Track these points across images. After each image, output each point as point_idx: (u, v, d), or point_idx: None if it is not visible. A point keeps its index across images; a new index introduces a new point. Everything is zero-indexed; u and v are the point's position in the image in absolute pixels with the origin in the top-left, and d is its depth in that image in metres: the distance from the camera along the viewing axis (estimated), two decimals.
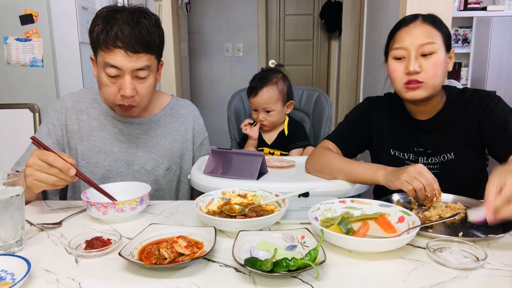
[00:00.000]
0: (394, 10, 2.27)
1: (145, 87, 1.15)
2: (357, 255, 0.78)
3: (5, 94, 2.07)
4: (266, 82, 1.67)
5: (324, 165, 1.18)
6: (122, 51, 1.07)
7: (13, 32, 2.02)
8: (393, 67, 1.15)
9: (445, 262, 0.73)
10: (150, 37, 1.10)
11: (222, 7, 4.24)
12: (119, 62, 1.08)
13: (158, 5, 2.81)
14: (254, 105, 1.71)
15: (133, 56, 1.08)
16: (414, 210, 1.01)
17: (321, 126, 1.87)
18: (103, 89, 1.15)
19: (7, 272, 0.70)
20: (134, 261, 0.73)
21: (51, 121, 1.26)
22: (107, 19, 1.08)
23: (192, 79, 4.28)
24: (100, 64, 1.12)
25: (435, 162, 1.20)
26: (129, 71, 1.09)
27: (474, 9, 2.89)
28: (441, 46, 1.11)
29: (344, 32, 3.58)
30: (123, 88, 1.10)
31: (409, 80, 1.11)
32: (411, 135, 1.23)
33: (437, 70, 1.10)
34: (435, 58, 1.10)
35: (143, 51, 1.09)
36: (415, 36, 1.11)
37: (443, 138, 1.19)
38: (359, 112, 1.32)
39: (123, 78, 1.10)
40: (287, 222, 0.95)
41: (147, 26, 1.10)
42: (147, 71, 1.13)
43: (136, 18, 1.09)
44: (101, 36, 1.07)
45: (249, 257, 0.71)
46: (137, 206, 0.97)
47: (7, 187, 0.80)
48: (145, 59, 1.11)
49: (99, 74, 1.13)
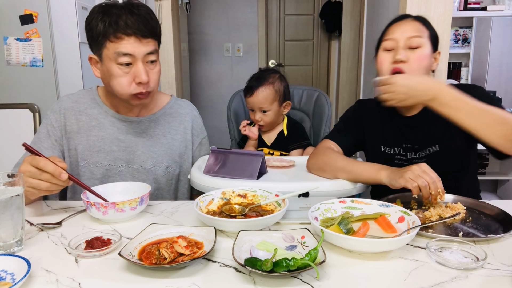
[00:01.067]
0: (394, 10, 2.27)
1: (155, 72, 1.18)
2: (357, 255, 0.78)
3: (5, 94, 2.08)
4: (262, 81, 1.66)
5: (325, 164, 1.19)
6: (133, 37, 1.10)
7: (13, 32, 2.03)
8: (381, 58, 1.21)
9: (445, 262, 0.73)
10: (154, 23, 1.15)
11: (222, 7, 4.24)
12: (132, 49, 1.10)
13: (158, 5, 2.81)
14: (250, 105, 1.71)
15: (143, 41, 1.12)
16: (414, 210, 1.01)
17: (321, 126, 1.87)
18: (115, 82, 1.14)
19: (7, 272, 0.70)
20: (134, 261, 0.73)
21: (50, 123, 1.26)
22: (108, 13, 1.10)
23: (192, 79, 4.28)
24: (109, 56, 1.12)
25: (421, 156, 1.23)
26: (142, 56, 1.12)
27: (474, 9, 2.89)
28: (427, 43, 1.17)
29: (344, 32, 3.58)
30: (139, 75, 1.12)
31: (394, 69, 1.16)
32: (399, 132, 1.27)
33: (421, 63, 1.15)
34: (420, 52, 1.15)
35: (150, 36, 1.13)
36: (404, 29, 1.18)
37: (427, 132, 1.23)
38: (352, 112, 1.39)
39: (136, 66, 1.12)
40: (287, 222, 0.95)
41: (148, 13, 1.15)
42: (156, 55, 1.17)
43: (136, 7, 1.13)
44: (110, 28, 1.09)
45: (249, 257, 0.71)
46: (137, 206, 0.97)
47: (7, 187, 0.80)
48: (153, 44, 1.15)
49: (109, 67, 1.13)
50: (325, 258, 0.70)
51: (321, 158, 1.22)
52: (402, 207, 0.92)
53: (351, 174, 1.12)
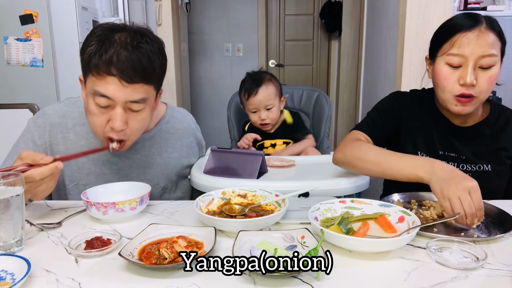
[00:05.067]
0: (394, 10, 2.27)
1: (138, 120, 1.02)
2: (357, 255, 0.78)
3: (5, 94, 2.07)
4: (261, 81, 1.72)
5: (357, 158, 1.06)
6: (115, 79, 0.94)
7: (13, 32, 2.02)
8: (444, 74, 1.05)
9: (445, 262, 0.73)
10: (150, 65, 0.97)
11: (222, 7, 4.24)
12: (111, 92, 0.95)
13: (158, 5, 2.81)
14: (254, 105, 1.72)
15: (128, 87, 0.95)
16: (414, 210, 1.01)
17: (321, 126, 1.87)
18: (90, 119, 1.03)
19: (7, 272, 0.70)
20: (134, 261, 0.73)
21: (32, 139, 1.13)
22: (102, 40, 0.95)
23: (192, 79, 4.28)
24: (89, 90, 0.99)
25: (467, 170, 1.14)
26: (122, 102, 0.97)
27: (474, 9, 2.88)
28: (499, 58, 1.02)
29: (344, 32, 3.58)
30: (113, 121, 0.98)
31: (462, 94, 1.02)
32: (444, 139, 1.16)
33: (491, 85, 1.02)
34: (492, 72, 1.01)
35: (141, 81, 0.97)
36: (478, 45, 0.99)
37: (480, 148, 1.13)
38: (391, 104, 1.23)
39: (114, 110, 0.98)
40: (287, 222, 0.95)
41: (148, 52, 0.97)
42: (142, 104, 1.00)
43: (137, 41, 0.96)
44: (93, 59, 0.94)
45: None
46: (137, 206, 0.97)
47: (7, 187, 0.80)
48: (142, 91, 0.98)
49: (87, 101, 1.01)
50: None
51: (351, 151, 1.09)
52: (402, 207, 0.92)
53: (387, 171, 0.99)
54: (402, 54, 2.09)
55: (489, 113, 1.16)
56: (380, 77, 2.61)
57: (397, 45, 2.17)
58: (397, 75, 2.18)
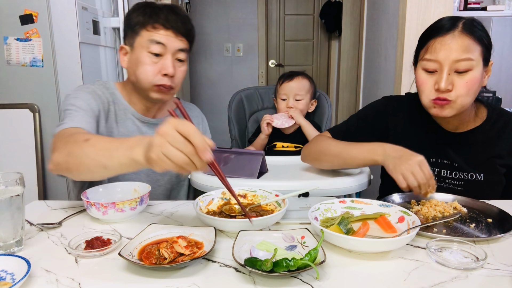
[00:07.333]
0: (394, 10, 2.27)
1: (182, 71, 1.21)
2: (357, 255, 0.78)
3: (5, 94, 2.07)
4: (299, 73, 1.80)
5: (320, 152, 1.13)
6: (170, 31, 1.15)
7: (13, 32, 2.02)
8: (422, 79, 1.06)
9: (445, 262, 0.73)
10: (191, 26, 1.21)
11: (222, 7, 4.24)
12: (166, 40, 1.14)
13: None
14: (286, 91, 1.77)
15: (178, 37, 1.16)
16: (414, 209, 1.01)
17: (321, 126, 1.87)
18: (142, 69, 1.16)
19: (7, 272, 0.70)
20: (134, 261, 0.73)
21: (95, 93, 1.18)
22: (151, 7, 1.16)
23: (192, 79, 4.28)
24: (141, 44, 1.15)
25: (460, 178, 1.14)
26: (173, 50, 1.16)
27: (474, 9, 2.89)
28: (478, 62, 1.01)
29: (344, 32, 3.58)
30: (166, 67, 1.15)
31: (437, 98, 1.03)
32: (436, 145, 1.16)
33: (470, 89, 1.01)
34: (470, 76, 1.00)
35: (185, 36, 1.18)
36: (450, 50, 0.99)
37: (473, 156, 1.12)
38: (374, 112, 1.24)
39: (165, 58, 1.15)
40: (287, 222, 0.95)
41: (188, 18, 1.22)
42: (185, 54, 1.20)
43: (178, 9, 1.20)
44: (151, 19, 1.14)
45: (249, 257, 0.71)
46: (137, 206, 0.97)
47: (7, 187, 0.80)
48: (185, 43, 1.19)
49: (139, 55, 1.15)
50: (325, 258, 0.70)
51: (315, 147, 1.16)
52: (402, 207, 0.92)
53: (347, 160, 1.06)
54: (402, 54, 2.09)
55: (485, 119, 1.14)
56: (380, 77, 2.61)
57: (397, 45, 2.17)
58: (397, 75, 2.18)
